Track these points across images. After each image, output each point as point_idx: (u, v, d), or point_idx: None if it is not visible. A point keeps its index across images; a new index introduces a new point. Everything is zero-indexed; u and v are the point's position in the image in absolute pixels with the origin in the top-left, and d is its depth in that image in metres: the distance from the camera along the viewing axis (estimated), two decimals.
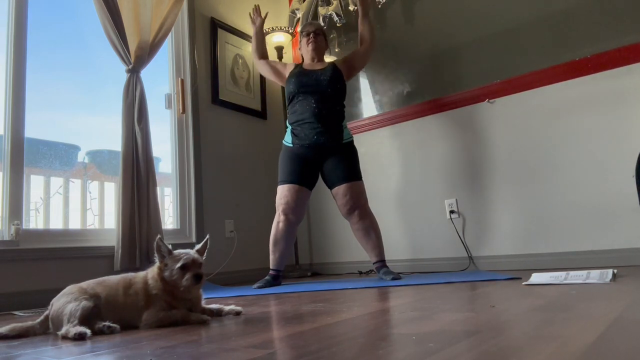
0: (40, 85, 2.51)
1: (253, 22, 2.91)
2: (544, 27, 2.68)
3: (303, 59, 2.84)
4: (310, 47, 2.76)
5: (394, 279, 2.39)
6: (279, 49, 3.55)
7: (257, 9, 2.93)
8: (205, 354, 0.94)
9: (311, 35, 2.77)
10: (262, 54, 2.89)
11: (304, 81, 2.64)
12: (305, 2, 3.64)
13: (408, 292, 1.87)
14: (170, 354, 0.95)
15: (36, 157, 2.54)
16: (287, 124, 2.71)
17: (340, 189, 2.56)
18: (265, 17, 2.95)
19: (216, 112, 3.30)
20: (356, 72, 2.87)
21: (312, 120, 2.56)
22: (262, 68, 2.90)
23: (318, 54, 2.78)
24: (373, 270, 3.03)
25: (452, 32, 3.03)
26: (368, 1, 2.87)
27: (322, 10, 3.58)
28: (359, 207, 2.56)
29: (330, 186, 2.63)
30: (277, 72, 2.83)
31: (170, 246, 1.40)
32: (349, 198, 2.55)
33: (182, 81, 3.12)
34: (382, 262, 2.54)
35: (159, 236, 1.38)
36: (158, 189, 2.72)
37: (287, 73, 2.77)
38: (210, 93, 3.28)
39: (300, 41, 2.85)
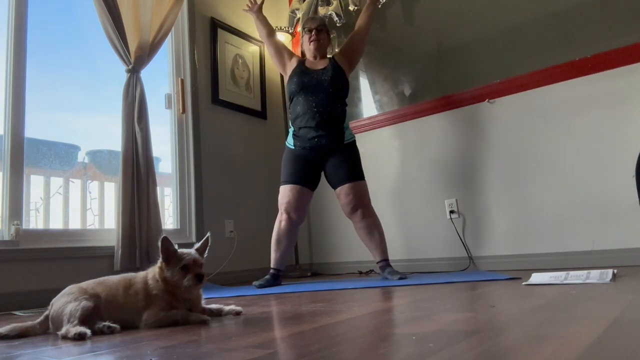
0: (40, 85, 2.51)
1: (250, 9, 2.83)
2: (544, 27, 2.68)
3: (305, 54, 2.80)
4: (312, 46, 2.71)
5: (400, 278, 2.37)
6: None
7: (250, 1, 2.85)
8: (205, 354, 0.94)
9: (313, 32, 2.71)
10: (269, 31, 2.82)
11: (305, 81, 2.62)
12: (305, 2, 3.63)
13: (408, 292, 1.87)
14: (170, 354, 0.95)
15: (36, 157, 2.54)
16: (290, 125, 2.71)
17: (343, 189, 2.56)
18: (262, 2, 2.85)
19: (216, 112, 3.30)
20: (358, 55, 2.78)
21: (312, 124, 2.55)
22: (269, 47, 2.83)
23: (320, 52, 2.73)
24: (373, 270, 3.04)
25: (451, 32, 3.03)
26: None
27: (322, 10, 3.58)
28: (362, 206, 2.56)
29: (334, 186, 2.63)
30: (280, 58, 2.77)
31: (177, 246, 1.40)
32: (352, 197, 2.54)
33: (182, 81, 3.12)
34: (386, 262, 2.54)
35: (164, 235, 1.36)
36: (158, 189, 2.72)
37: (289, 68, 2.73)
38: (210, 93, 3.28)
39: (302, 37, 2.80)
